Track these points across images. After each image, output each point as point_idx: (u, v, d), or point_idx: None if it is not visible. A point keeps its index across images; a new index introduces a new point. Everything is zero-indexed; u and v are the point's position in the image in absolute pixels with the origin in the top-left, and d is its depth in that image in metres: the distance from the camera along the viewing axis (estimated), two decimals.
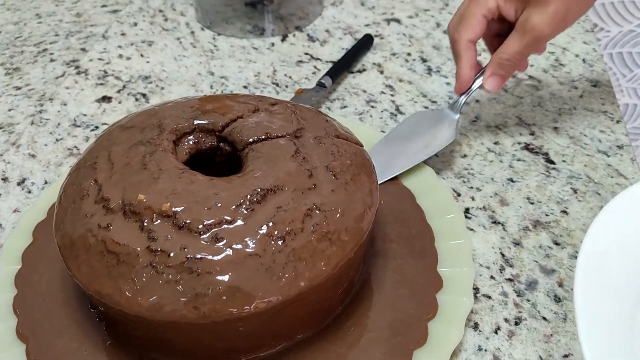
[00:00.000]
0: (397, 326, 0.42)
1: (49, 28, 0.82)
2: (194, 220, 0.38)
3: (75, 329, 0.43)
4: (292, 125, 0.45)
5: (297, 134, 0.44)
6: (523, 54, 0.52)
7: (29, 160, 0.60)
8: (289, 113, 0.46)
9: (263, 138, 0.44)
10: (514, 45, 0.52)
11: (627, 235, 0.38)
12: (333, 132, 0.46)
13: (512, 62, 0.53)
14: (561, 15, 0.50)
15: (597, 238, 0.37)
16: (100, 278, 0.37)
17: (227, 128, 0.45)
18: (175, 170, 0.41)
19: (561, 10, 0.49)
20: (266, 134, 0.44)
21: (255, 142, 0.44)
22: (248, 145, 0.44)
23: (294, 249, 0.38)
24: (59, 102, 0.67)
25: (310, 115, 0.47)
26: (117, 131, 0.46)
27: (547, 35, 0.51)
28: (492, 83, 0.54)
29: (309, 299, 0.39)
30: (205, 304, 0.36)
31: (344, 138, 0.46)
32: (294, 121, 0.45)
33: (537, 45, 0.52)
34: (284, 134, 0.44)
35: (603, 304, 0.34)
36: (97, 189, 0.41)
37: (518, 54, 0.52)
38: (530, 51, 0.52)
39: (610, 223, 0.38)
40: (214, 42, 0.76)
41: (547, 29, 0.50)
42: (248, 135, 0.44)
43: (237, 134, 0.44)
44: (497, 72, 0.54)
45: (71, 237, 0.40)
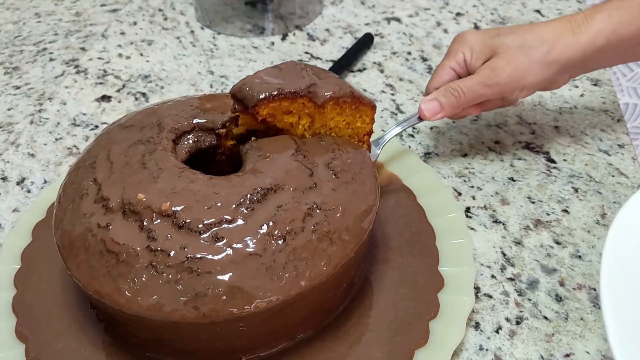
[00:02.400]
0: (398, 325, 0.42)
1: (49, 27, 0.81)
2: (193, 219, 0.38)
3: (74, 328, 0.43)
4: (304, 81, 0.44)
5: (311, 89, 0.43)
6: (473, 90, 0.51)
7: (28, 159, 0.59)
8: (299, 69, 0.45)
9: (275, 94, 0.42)
10: (467, 79, 0.52)
11: None
12: (347, 88, 0.45)
13: (457, 94, 0.51)
14: (522, 70, 0.50)
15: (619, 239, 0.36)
16: (99, 278, 0.37)
17: (236, 85, 0.43)
18: (175, 169, 0.41)
19: (523, 65, 0.50)
20: (278, 89, 0.42)
21: (266, 99, 0.42)
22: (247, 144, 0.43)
23: (294, 248, 0.38)
24: (59, 102, 0.67)
25: (321, 73, 0.46)
26: (116, 130, 0.45)
27: (502, 80, 0.50)
28: (427, 105, 0.52)
29: (309, 298, 0.39)
30: (205, 304, 0.36)
31: (357, 96, 0.46)
32: (305, 77, 0.44)
33: (490, 89, 0.51)
34: (297, 90, 0.43)
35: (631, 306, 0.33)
36: (97, 189, 0.41)
37: (467, 88, 0.51)
38: (481, 93, 0.51)
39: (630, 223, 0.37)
40: (214, 41, 0.76)
41: (504, 75, 0.50)
42: (259, 91, 0.42)
43: (247, 91, 0.42)
44: (438, 98, 0.52)
45: (70, 237, 0.39)
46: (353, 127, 0.47)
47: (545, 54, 0.50)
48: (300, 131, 0.45)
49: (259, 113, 0.42)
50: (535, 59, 0.50)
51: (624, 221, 0.36)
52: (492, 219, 0.52)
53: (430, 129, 0.62)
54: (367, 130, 0.48)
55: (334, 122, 0.46)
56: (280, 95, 0.42)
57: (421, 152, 0.59)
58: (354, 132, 0.47)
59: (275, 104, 0.43)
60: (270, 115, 0.43)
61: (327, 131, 0.46)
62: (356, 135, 0.48)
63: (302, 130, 0.45)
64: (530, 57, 0.50)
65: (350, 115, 0.46)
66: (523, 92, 0.52)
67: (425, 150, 0.59)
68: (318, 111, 0.44)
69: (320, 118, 0.45)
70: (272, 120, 0.44)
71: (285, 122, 0.44)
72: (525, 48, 0.50)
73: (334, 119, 0.46)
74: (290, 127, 0.44)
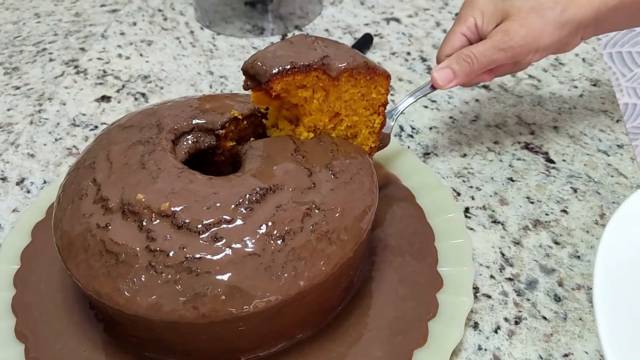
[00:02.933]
0: (397, 326, 0.42)
1: (48, 28, 0.81)
2: (193, 219, 0.38)
3: (74, 328, 0.43)
4: (317, 53, 0.43)
5: (324, 61, 0.43)
6: (486, 55, 0.50)
7: (28, 159, 0.59)
8: (310, 42, 0.44)
9: (288, 68, 0.41)
10: (479, 45, 0.50)
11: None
12: (361, 58, 0.45)
13: (470, 60, 0.50)
14: (536, 32, 0.49)
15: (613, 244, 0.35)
16: (99, 278, 0.37)
17: (247, 61, 0.42)
18: (174, 170, 0.41)
19: (537, 27, 0.49)
20: (291, 63, 0.42)
21: (280, 74, 0.41)
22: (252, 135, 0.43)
23: (293, 248, 0.38)
24: (58, 102, 0.67)
25: (333, 44, 0.45)
26: (116, 131, 0.45)
27: (516, 43, 0.49)
28: (440, 74, 0.50)
29: (308, 298, 0.39)
30: (204, 304, 0.36)
31: (371, 66, 0.45)
32: (317, 49, 0.43)
33: (504, 53, 0.50)
34: (310, 63, 0.42)
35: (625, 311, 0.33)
36: (96, 189, 0.41)
37: (479, 53, 0.50)
38: (495, 58, 0.50)
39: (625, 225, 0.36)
40: (214, 42, 0.76)
41: (517, 38, 0.49)
42: (272, 66, 0.41)
43: (259, 67, 0.42)
44: (451, 66, 0.50)
45: (70, 237, 0.40)
46: (368, 99, 0.47)
47: (560, 13, 0.49)
48: (315, 105, 0.44)
49: (273, 88, 0.42)
50: (549, 20, 0.49)
51: (618, 223, 0.35)
52: (491, 219, 0.52)
53: (429, 129, 0.62)
54: (383, 102, 0.48)
55: (349, 94, 0.45)
56: (293, 68, 0.41)
57: (420, 152, 0.59)
58: (369, 103, 0.47)
59: (289, 78, 0.42)
60: (284, 91, 0.42)
61: (341, 104, 0.45)
62: (371, 107, 0.47)
63: (316, 105, 0.44)
64: (544, 18, 0.49)
65: (365, 86, 0.46)
66: (537, 54, 0.51)
67: (425, 151, 0.59)
68: (332, 84, 0.44)
69: (335, 91, 0.44)
70: (286, 96, 0.43)
71: (299, 96, 0.43)
72: (538, 9, 0.49)
73: (349, 91, 0.45)
74: (305, 102, 0.44)
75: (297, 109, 0.44)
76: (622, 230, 0.35)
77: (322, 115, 0.45)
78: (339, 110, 0.46)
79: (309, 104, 0.44)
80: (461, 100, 0.65)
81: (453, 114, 0.64)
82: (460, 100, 0.65)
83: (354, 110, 0.46)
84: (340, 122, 0.46)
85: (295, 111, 0.45)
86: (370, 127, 0.48)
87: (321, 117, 0.45)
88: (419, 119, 0.63)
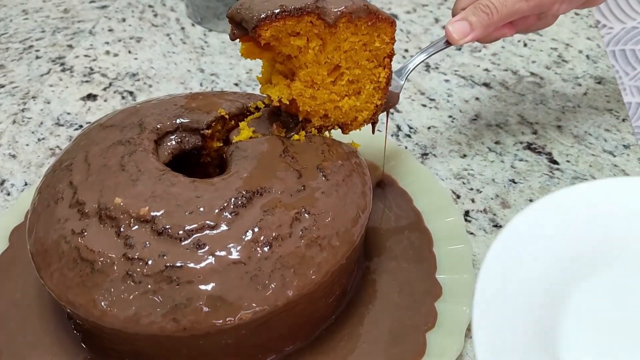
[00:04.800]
0: (393, 337, 0.40)
1: (36, 24, 0.79)
2: (174, 225, 0.35)
3: (50, 340, 0.40)
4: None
5: (319, 4, 0.39)
6: (507, 5, 0.45)
7: (9, 160, 0.57)
8: None
9: (277, 13, 0.38)
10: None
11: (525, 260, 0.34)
12: (361, 2, 0.40)
13: (489, 11, 0.45)
14: None
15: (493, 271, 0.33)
16: (73, 288, 0.35)
17: (232, 8, 0.39)
18: (156, 172, 0.38)
19: None
20: (281, 7, 0.38)
21: (268, 19, 0.37)
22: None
23: (281, 255, 0.35)
24: (42, 100, 0.64)
25: None
26: (96, 130, 0.43)
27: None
28: (455, 26, 0.46)
29: (298, 309, 0.37)
30: (185, 316, 0.34)
31: (373, 10, 0.41)
32: None
33: (526, 2, 0.45)
34: (302, 6, 0.38)
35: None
36: (72, 192, 0.38)
37: (500, 3, 0.45)
38: (516, 8, 0.45)
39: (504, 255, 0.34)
40: (205, 39, 0.73)
41: None
42: (259, 11, 0.38)
43: (245, 12, 0.38)
44: (467, 17, 0.46)
45: (44, 244, 0.37)
46: (371, 49, 0.42)
47: None
48: (310, 57, 0.40)
49: (261, 36, 0.38)
50: None
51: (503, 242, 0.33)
52: (493, 223, 0.50)
53: (428, 128, 0.59)
54: (388, 52, 0.43)
55: (349, 43, 0.41)
56: (283, 12, 0.38)
57: (418, 153, 0.57)
58: (372, 54, 0.43)
59: (279, 24, 0.38)
60: (274, 38, 0.39)
61: (341, 55, 0.41)
62: (375, 59, 0.43)
63: (312, 56, 0.40)
64: None
65: (366, 34, 0.41)
66: (564, 4, 0.46)
67: (423, 151, 0.57)
68: (329, 31, 0.40)
69: (333, 40, 0.40)
70: (277, 45, 0.39)
71: (292, 45, 0.39)
72: None
73: (348, 40, 0.41)
74: (299, 53, 0.40)
75: (292, 61, 0.41)
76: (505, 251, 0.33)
77: (319, 68, 0.41)
78: (338, 62, 0.42)
79: (303, 54, 0.40)
80: (461, 99, 0.63)
81: (452, 113, 0.61)
82: (460, 98, 0.63)
83: (355, 62, 0.42)
84: (340, 77, 0.42)
85: (289, 64, 0.41)
86: (375, 81, 0.44)
87: (319, 70, 0.41)
88: (416, 117, 0.61)
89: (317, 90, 0.42)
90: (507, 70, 0.67)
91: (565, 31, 0.72)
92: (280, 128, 0.43)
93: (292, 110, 0.43)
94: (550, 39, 0.71)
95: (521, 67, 0.67)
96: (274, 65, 0.42)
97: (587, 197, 0.36)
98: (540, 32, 0.72)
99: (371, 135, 0.49)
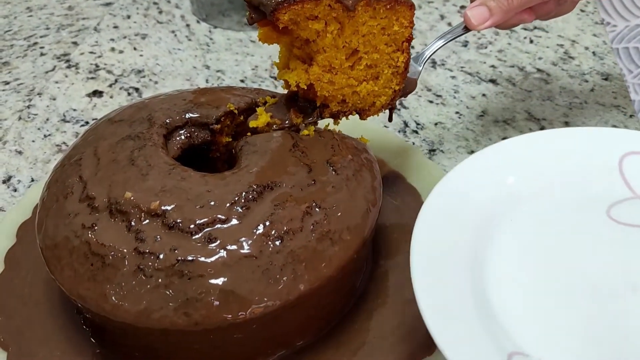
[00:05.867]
0: (403, 332, 0.40)
1: (40, 21, 0.79)
2: (185, 219, 0.35)
3: (59, 335, 0.40)
4: None
5: None
6: None
7: (15, 157, 0.57)
8: None
9: None
10: None
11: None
12: None
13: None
14: None
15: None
16: (84, 282, 0.35)
17: None
18: (165, 166, 0.38)
19: None
20: None
21: (287, 2, 0.37)
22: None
23: (292, 249, 0.35)
24: (48, 97, 0.64)
25: None
26: (105, 125, 0.43)
27: None
28: (474, 12, 0.45)
29: (309, 303, 0.37)
30: (197, 310, 0.33)
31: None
32: None
33: None
34: None
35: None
36: (82, 187, 0.38)
37: None
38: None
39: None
40: (210, 35, 0.73)
41: None
42: None
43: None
44: (486, 2, 0.45)
45: (54, 239, 0.37)
46: (389, 33, 0.42)
47: None
48: (328, 41, 0.40)
49: (279, 19, 0.38)
50: None
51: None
52: None
53: (435, 124, 0.59)
54: (407, 36, 0.43)
55: (367, 27, 0.41)
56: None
57: (425, 149, 0.56)
58: (390, 38, 0.42)
59: (298, 7, 0.38)
60: (292, 22, 0.38)
61: (359, 39, 0.41)
62: (394, 43, 0.43)
63: (330, 40, 0.40)
64: None
65: (385, 17, 0.41)
66: None
67: (430, 147, 0.57)
68: (348, 15, 0.40)
69: (351, 23, 0.40)
70: (295, 29, 0.39)
71: (310, 29, 0.39)
72: None
73: (367, 24, 0.41)
74: (317, 37, 0.40)
75: (310, 45, 0.40)
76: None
77: (337, 52, 0.41)
78: (356, 47, 0.41)
79: (321, 38, 0.40)
80: (467, 95, 0.63)
81: (459, 109, 0.61)
82: (467, 94, 0.63)
83: (373, 47, 0.42)
84: (359, 61, 0.42)
85: (307, 49, 0.41)
86: (393, 66, 0.44)
87: (337, 55, 0.41)
88: (423, 114, 0.60)
89: (335, 75, 0.42)
90: (514, 66, 0.66)
91: (571, 28, 0.72)
92: (298, 113, 0.43)
93: (309, 95, 0.43)
94: (557, 36, 0.71)
95: (527, 64, 0.67)
96: (292, 50, 0.42)
97: (512, 150, 0.45)
98: (546, 29, 0.72)
99: (380, 131, 0.49)
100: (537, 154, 0.45)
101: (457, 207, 0.41)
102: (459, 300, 0.36)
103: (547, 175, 0.44)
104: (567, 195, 0.44)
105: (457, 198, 0.42)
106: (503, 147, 0.46)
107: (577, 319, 0.36)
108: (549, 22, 0.73)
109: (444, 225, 0.40)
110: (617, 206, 0.43)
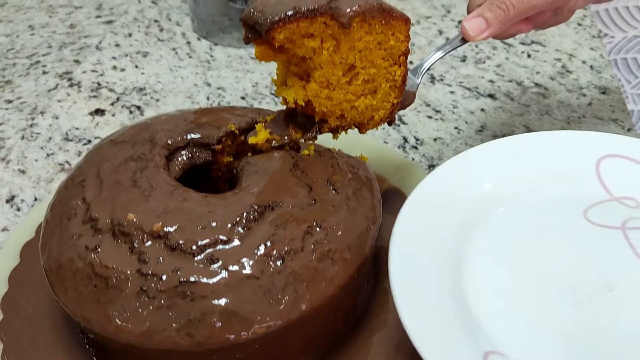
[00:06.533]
0: (405, 349, 0.40)
1: (42, 40, 0.80)
2: (187, 240, 0.36)
3: (63, 355, 0.41)
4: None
5: (332, 5, 0.38)
6: (523, 0, 0.44)
7: (18, 176, 0.57)
8: None
9: (291, 15, 0.37)
10: None
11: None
12: (374, 1, 0.40)
13: (505, 7, 0.44)
14: None
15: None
16: (87, 304, 0.35)
17: (246, 11, 0.39)
18: (168, 187, 0.39)
19: None
20: (294, 8, 0.38)
21: (281, 22, 0.37)
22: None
23: (293, 269, 0.36)
24: (51, 116, 0.65)
25: None
26: (107, 146, 0.43)
27: None
28: (471, 23, 0.45)
29: (310, 322, 0.37)
30: (199, 331, 0.34)
31: (386, 9, 0.40)
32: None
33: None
34: (316, 7, 0.38)
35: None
36: (85, 208, 0.38)
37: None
38: (533, 3, 0.44)
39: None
40: (211, 52, 0.74)
41: None
42: (272, 13, 0.37)
43: (258, 15, 0.38)
44: (483, 14, 0.45)
45: (57, 260, 0.37)
46: (386, 47, 0.42)
47: None
48: (325, 57, 0.40)
49: (275, 38, 0.38)
50: None
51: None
52: None
53: (434, 140, 0.60)
54: (403, 50, 0.43)
55: (363, 43, 0.41)
56: (296, 14, 0.38)
57: (425, 164, 0.57)
58: (387, 53, 0.42)
59: (293, 26, 0.38)
60: (288, 41, 0.39)
61: (356, 55, 0.41)
62: (390, 57, 0.43)
63: (327, 57, 0.40)
64: None
65: (381, 32, 0.41)
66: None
67: (429, 162, 0.57)
68: (343, 32, 0.40)
69: (347, 40, 0.40)
70: (291, 47, 0.39)
71: (306, 47, 0.39)
72: None
73: (363, 39, 0.41)
74: (314, 54, 0.40)
75: (306, 62, 0.41)
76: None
77: (334, 69, 0.41)
78: (353, 62, 0.42)
79: (318, 55, 0.40)
80: (466, 110, 0.63)
81: (458, 124, 0.62)
82: (466, 109, 0.63)
83: (370, 62, 0.42)
84: (356, 76, 0.42)
85: (304, 65, 0.41)
86: (391, 80, 0.44)
87: (334, 71, 0.41)
88: (422, 129, 0.61)
89: (333, 91, 0.42)
90: (512, 81, 0.67)
91: (569, 42, 0.73)
92: (297, 129, 0.43)
93: (308, 111, 0.43)
94: (554, 50, 0.71)
95: (525, 78, 0.67)
96: (289, 67, 0.42)
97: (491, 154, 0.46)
98: (543, 43, 0.73)
99: (380, 147, 0.49)
100: (516, 157, 0.46)
101: (436, 209, 0.42)
102: (436, 300, 0.37)
103: (525, 178, 0.45)
104: (545, 197, 0.45)
105: (436, 201, 0.42)
106: (481, 151, 0.46)
107: (554, 319, 0.37)
108: (546, 36, 0.74)
109: (422, 227, 0.40)
110: (594, 208, 0.44)
